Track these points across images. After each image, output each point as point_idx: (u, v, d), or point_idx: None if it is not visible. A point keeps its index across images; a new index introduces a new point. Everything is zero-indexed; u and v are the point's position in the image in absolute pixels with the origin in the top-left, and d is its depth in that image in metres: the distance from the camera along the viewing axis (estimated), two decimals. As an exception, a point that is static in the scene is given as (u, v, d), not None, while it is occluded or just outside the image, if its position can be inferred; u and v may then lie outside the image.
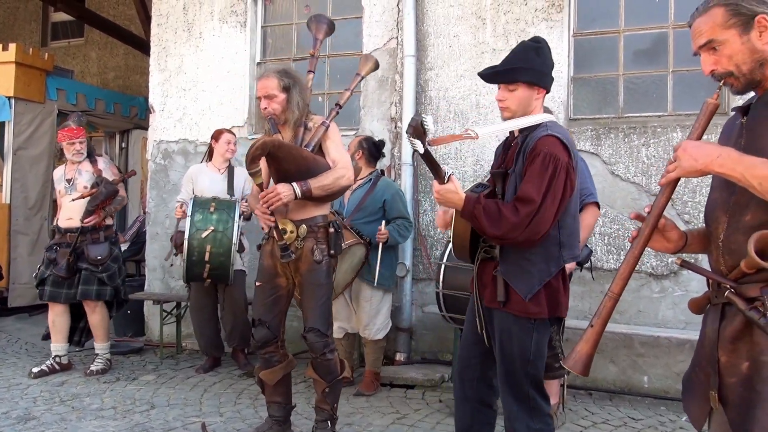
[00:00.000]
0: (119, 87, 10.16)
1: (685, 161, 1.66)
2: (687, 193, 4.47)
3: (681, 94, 4.65)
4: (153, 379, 4.82)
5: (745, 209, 1.65)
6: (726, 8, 1.68)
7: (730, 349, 1.69)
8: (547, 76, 2.56)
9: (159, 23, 6.21)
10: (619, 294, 1.81)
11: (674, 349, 4.46)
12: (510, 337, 2.48)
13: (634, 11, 4.81)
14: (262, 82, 3.37)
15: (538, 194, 2.35)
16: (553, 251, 2.47)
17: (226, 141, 5.01)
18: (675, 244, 1.89)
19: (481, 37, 5.05)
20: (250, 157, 3.03)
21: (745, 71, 1.69)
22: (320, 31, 3.78)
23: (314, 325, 3.33)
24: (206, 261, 4.53)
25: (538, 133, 2.47)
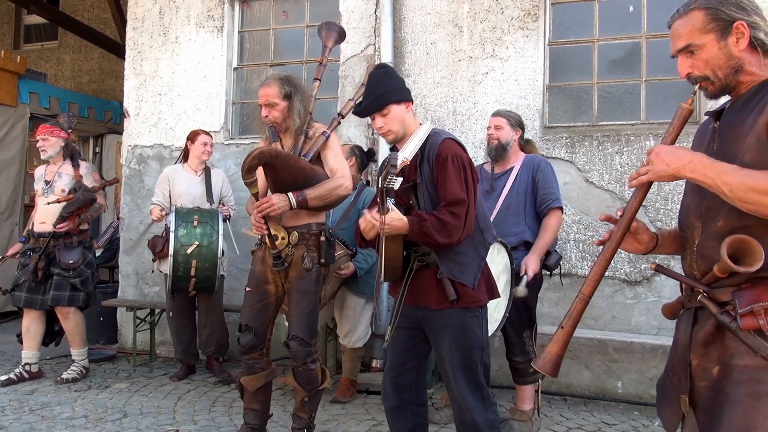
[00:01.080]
0: (93, 91, 10.05)
1: (657, 165, 1.68)
2: (659, 200, 4.54)
3: (653, 102, 4.73)
4: (126, 387, 4.75)
5: (717, 215, 1.67)
6: (706, 12, 1.69)
7: (701, 353, 1.71)
8: (405, 90, 2.75)
9: (134, 27, 6.15)
10: (589, 296, 1.82)
11: (647, 355, 4.51)
12: (465, 330, 2.63)
13: (608, 21, 4.88)
14: (264, 89, 3.34)
15: (464, 193, 2.57)
16: (478, 238, 2.69)
17: (203, 142, 4.96)
18: (646, 245, 1.92)
19: (458, 44, 5.08)
20: (247, 167, 3.01)
21: (721, 76, 1.71)
22: (330, 38, 3.76)
23: (298, 334, 3.30)
24: (192, 276, 4.52)
25: (434, 139, 2.67)
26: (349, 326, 4.49)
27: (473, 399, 2.62)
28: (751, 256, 1.56)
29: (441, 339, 2.67)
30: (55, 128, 4.92)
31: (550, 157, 4.62)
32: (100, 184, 4.99)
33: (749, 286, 1.61)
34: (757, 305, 1.57)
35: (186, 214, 4.60)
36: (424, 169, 2.64)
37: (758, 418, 1.55)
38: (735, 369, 1.61)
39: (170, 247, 4.46)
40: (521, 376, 3.94)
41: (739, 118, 1.67)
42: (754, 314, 1.57)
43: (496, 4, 5.00)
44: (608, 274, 4.62)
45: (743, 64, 1.68)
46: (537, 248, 3.74)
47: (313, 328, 3.38)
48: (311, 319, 3.35)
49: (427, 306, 2.67)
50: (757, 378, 1.57)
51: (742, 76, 1.70)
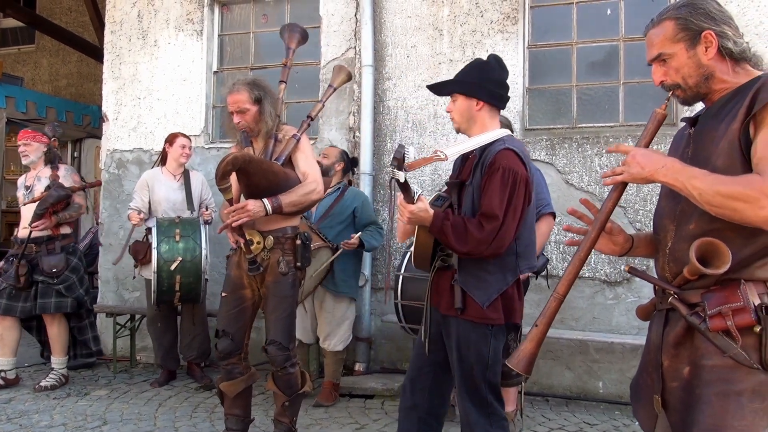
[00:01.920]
0: (72, 95, 9.95)
1: (632, 167, 1.72)
2: (638, 201, 4.59)
3: (631, 105, 4.78)
4: (106, 394, 4.69)
5: (690, 218, 1.71)
6: (676, 22, 1.73)
7: (672, 353, 1.74)
8: (484, 89, 2.61)
9: (113, 30, 6.10)
10: (563, 295, 1.84)
11: (628, 355, 4.55)
12: (468, 344, 2.52)
13: (587, 24, 4.93)
14: (233, 96, 3.31)
15: (500, 210, 2.43)
16: (510, 262, 2.54)
17: (181, 145, 4.92)
18: (621, 247, 1.95)
19: (438, 47, 5.10)
20: (221, 173, 2.98)
21: (692, 84, 1.75)
22: (293, 40, 3.75)
23: (276, 338, 3.28)
24: (177, 290, 4.49)
25: (495, 147, 2.54)
26: (328, 329, 4.48)
27: (475, 413, 2.54)
28: (719, 259, 1.59)
29: (449, 346, 2.60)
30: (38, 133, 4.88)
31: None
32: (79, 185, 4.94)
33: (718, 288, 1.64)
34: (725, 307, 1.60)
35: (168, 227, 4.54)
36: (477, 173, 2.55)
37: (727, 417, 1.58)
38: (704, 369, 1.64)
39: (153, 263, 4.42)
40: (505, 378, 3.88)
41: (713, 124, 1.70)
42: (722, 315, 1.60)
43: (475, 8, 5.02)
44: (589, 275, 4.66)
45: (713, 72, 1.72)
46: None
47: (292, 333, 3.37)
48: (289, 323, 3.35)
49: (438, 308, 2.63)
50: (725, 378, 1.60)
51: (714, 83, 1.73)
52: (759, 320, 1.57)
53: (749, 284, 1.60)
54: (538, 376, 4.72)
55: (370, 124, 5.13)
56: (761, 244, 1.60)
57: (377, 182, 5.22)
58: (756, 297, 1.59)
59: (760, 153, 1.55)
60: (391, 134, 5.21)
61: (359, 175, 5.16)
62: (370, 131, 5.13)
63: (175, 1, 5.90)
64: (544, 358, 4.75)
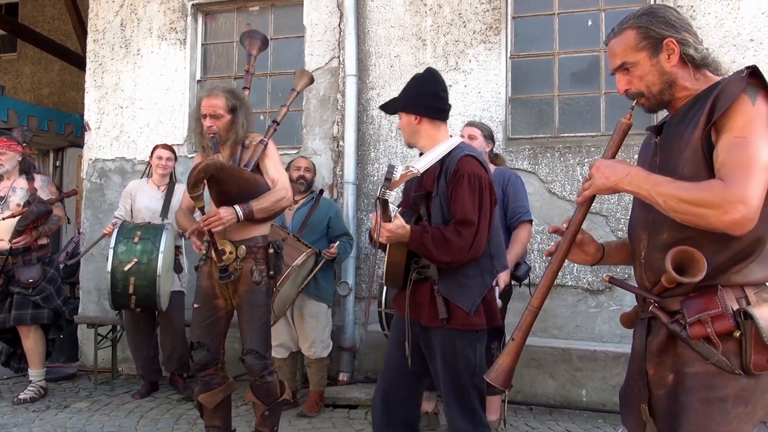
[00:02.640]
0: (54, 103, 9.87)
1: (597, 179, 1.74)
2: (620, 210, 4.62)
3: (613, 114, 4.82)
4: (86, 406, 4.63)
5: (662, 227, 1.72)
6: (637, 31, 1.75)
7: (656, 361, 1.75)
8: (415, 103, 2.66)
9: (95, 39, 6.07)
10: (538, 308, 1.87)
11: (611, 363, 4.57)
12: (455, 352, 2.53)
13: (568, 35, 4.98)
14: (210, 100, 3.29)
15: (474, 214, 2.48)
16: (486, 264, 2.59)
17: (158, 156, 4.89)
18: (593, 257, 1.96)
19: (421, 57, 5.13)
20: (193, 181, 2.96)
21: (655, 92, 1.76)
22: (254, 46, 3.77)
23: (252, 347, 3.27)
24: (131, 293, 4.42)
25: (455, 155, 2.60)
26: (313, 336, 4.45)
27: (463, 422, 2.55)
28: (695, 267, 1.60)
29: (433, 358, 2.60)
30: (12, 142, 4.80)
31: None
32: (56, 196, 4.89)
33: (697, 294, 1.65)
34: (704, 314, 1.61)
35: (130, 230, 4.50)
36: (441, 182, 2.58)
37: (711, 424, 1.60)
38: (687, 377, 1.65)
39: (108, 263, 4.38)
40: (488, 387, 3.95)
41: (677, 132, 1.72)
42: (701, 322, 1.61)
43: (458, 18, 5.06)
44: (571, 284, 4.69)
45: (676, 79, 1.74)
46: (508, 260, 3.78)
47: (268, 341, 3.37)
48: (265, 331, 3.34)
49: (420, 321, 2.61)
50: (708, 385, 1.61)
51: (677, 90, 1.75)
52: (738, 325, 1.58)
53: (727, 290, 1.62)
54: (521, 384, 4.72)
55: (354, 133, 5.14)
56: (735, 249, 1.61)
57: (361, 191, 5.22)
58: (734, 302, 1.60)
59: (721, 158, 1.57)
60: (374, 144, 5.22)
61: (343, 184, 5.15)
62: (353, 140, 5.14)
63: (158, 10, 5.89)
64: (527, 366, 4.76)
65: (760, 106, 1.57)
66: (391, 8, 5.23)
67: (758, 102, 1.57)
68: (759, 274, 1.63)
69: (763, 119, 1.56)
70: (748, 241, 1.60)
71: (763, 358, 1.57)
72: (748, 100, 1.57)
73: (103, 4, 6.06)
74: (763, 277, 1.64)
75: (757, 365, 1.57)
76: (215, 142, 3.29)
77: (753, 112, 1.56)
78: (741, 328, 1.58)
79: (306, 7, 5.46)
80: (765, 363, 1.58)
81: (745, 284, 1.63)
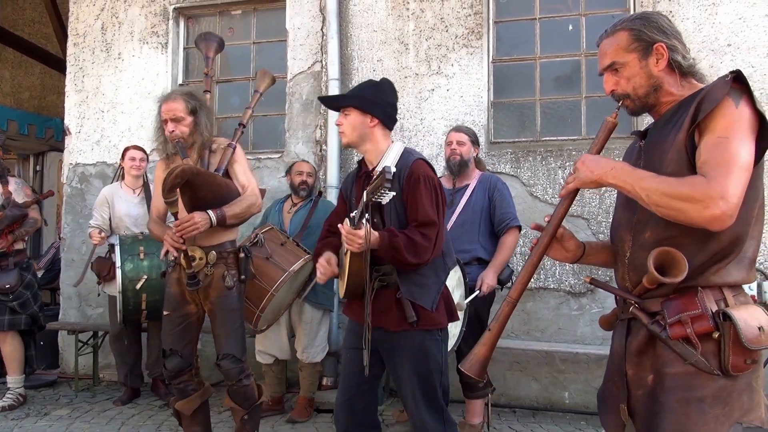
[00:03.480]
0: (34, 107, 9.75)
1: (582, 172, 1.77)
2: (601, 213, 4.66)
3: (593, 118, 4.86)
4: (66, 413, 4.58)
5: (646, 227, 1.75)
6: (630, 32, 1.79)
7: (636, 362, 1.77)
8: (376, 105, 2.69)
9: (75, 43, 6.02)
10: (516, 299, 1.89)
11: (593, 365, 4.60)
12: (425, 353, 2.58)
13: (549, 39, 5.01)
14: (169, 104, 3.26)
15: (435, 215, 2.55)
16: (439, 262, 2.65)
17: (130, 158, 4.84)
18: (573, 253, 1.99)
19: (404, 61, 5.14)
20: (169, 185, 2.93)
21: (641, 94, 1.80)
22: (210, 49, 3.77)
23: (229, 351, 3.26)
24: (143, 309, 4.38)
25: (407, 159, 2.64)
26: (307, 340, 4.42)
27: (434, 422, 2.58)
28: (676, 268, 1.63)
29: (400, 362, 2.62)
30: None
31: (495, 172, 4.70)
32: (32, 198, 4.82)
33: (677, 296, 1.68)
34: (684, 314, 1.64)
35: (131, 245, 4.41)
36: (394, 187, 2.57)
37: (689, 423, 1.62)
38: (666, 377, 1.68)
39: (118, 282, 4.29)
40: (471, 391, 3.97)
41: (662, 135, 1.76)
42: (681, 323, 1.64)
43: (440, 23, 5.08)
44: (554, 287, 4.71)
45: (662, 84, 1.78)
46: (495, 264, 3.82)
47: (243, 344, 3.35)
48: (240, 335, 3.34)
49: (386, 327, 2.61)
50: (687, 385, 1.64)
51: (662, 95, 1.79)
52: (717, 326, 1.61)
53: (706, 291, 1.65)
54: (505, 387, 4.74)
55: (337, 137, 5.12)
56: (713, 249, 1.65)
57: (344, 195, 5.22)
58: (713, 303, 1.64)
59: (704, 157, 1.60)
60: (357, 147, 5.22)
61: (326, 187, 5.14)
62: (336, 145, 5.13)
63: (140, 14, 5.85)
64: (510, 369, 4.78)
65: (742, 109, 1.61)
66: (373, 12, 5.24)
67: (741, 105, 1.61)
68: (736, 275, 1.67)
69: (744, 121, 1.60)
70: (727, 240, 1.64)
71: (740, 360, 1.60)
72: (731, 103, 1.61)
73: (83, 8, 6.01)
74: (740, 278, 1.68)
75: (735, 366, 1.60)
76: (182, 146, 3.25)
77: (736, 115, 1.60)
78: (720, 330, 1.61)
79: (289, 12, 5.46)
80: (743, 364, 1.60)
81: (723, 285, 1.66)
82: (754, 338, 1.59)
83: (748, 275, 1.69)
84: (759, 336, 1.59)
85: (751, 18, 4.47)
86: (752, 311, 1.63)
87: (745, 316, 1.60)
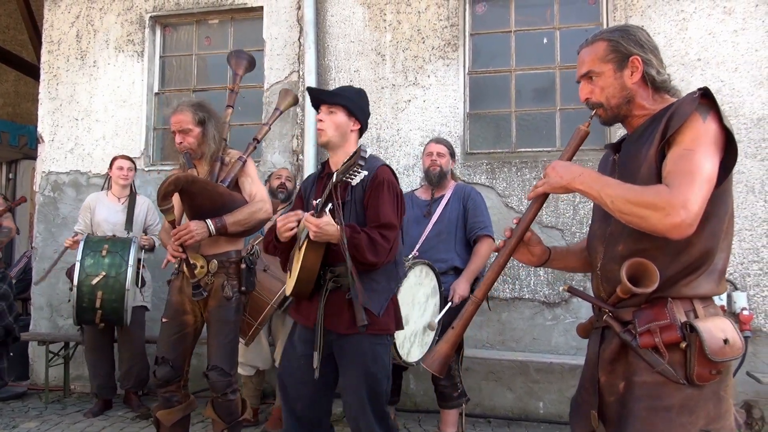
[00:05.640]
0: (8, 115, 9.62)
1: (551, 177, 1.81)
2: (575, 224, 4.71)
3: (568, 130, 4.92)
4: (36, 426, 4.49)
5: (618, 239, 1.78)
6: (608, 43, 1.83)
7: (608, 369, 1.81)
8: (363, 112, 2.79)
9: (50, 50, 5.96)
10: (481, 299, 1.93)
11: (567, 375, 4.63)
12: (374, 357, 2.59)
13: (525, 52, 5.07)
14: (177, 116, 3.28)
15: (395, 218, 2.60)
16: (392, 270, 2.69)
17: (118, 167, 4.82)
18: (538, 258, 2.03)
19: (381, 72, 5.16)
20: (162, 194, 2.94)
21: (613, 105, 1.84)
22: (240, 66, 3.79)
23: (218, 364, 3.23)
24: (97, 307, 4.32)
25: (373, 163, 2.65)
26: None
27: (380, 427, 2.59)
28: (648, 279, 1.67)
29: (349, 366, 2.61)
30: None
31: (471, 183, 4.73)
32: (4, 206, 4.75)
33: (648, 306, 1.72)
34: (654, 324, 1.68)
35: (96, 243, 4.41)
36: (356, 190, 2.62)
37: (655, 431, 1.65)
38: (636, 385, 1.71)
39: (74, 277, 4.27)
40: (446, 401, 3.97)
41: (635, 149, 1.79)
42: (650, 333, 1.68)
43: (417, 34, 5.11)
44: (528, 297, 4.74)
45: (634, 96, 1.81)
46: (467, 274, 3.82)
47: (234, 358, 3.31)
48: (232, 348, 3.29)
49: (336, 330, 2.59)
50: (655, 394, 1.67)
51: (634, 108, 1.82)
52: (684, 337, 1.64)
53: (676, 302, 1.68)
54: (480, 397, 4.75)
55: (314, 147, 5.14)
56: (684, 262, 1.68)
57: (321, 205, 5.22)
58: (682, 315, 1.67)
59: (669, 168, 1.63)
60: (334, 157, 5.22)
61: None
62: (313, 154, 5.13)
63: (116, 22, 5.82)
64: (486, 379, 4.79)
65: (709, 124, 1.64)
66: (350, 23, 5.26)
67: (708, 120, 1.64)
68: (706, 287, 1.70)
69: (710, 136, 1.63)
70: (698, 253, 1.67)
71: (705, 370, 1.63)
72: (699, 117, 1.64)
73: (58, 15, 5.96)
74: (710, 290, 1.70)
75: (700, 376, 1.63)
76: (189, 157, 3.28)
77: (702, 129, 1.63)
78: (687, 340, 1.64)
79: (266, 21, 5.46)
80: (708, 374, 1.63)
81: (694, 297, 1.69)
82: (719, 350, 1.61)
83: (718, 287, 1.72)
84: (723, 348, 1.62)
85: (720, 34, 4.56)
86: (719, 323, 1.66)
87: (711, 327, 1.63)
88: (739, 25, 4.54)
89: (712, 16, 4.59)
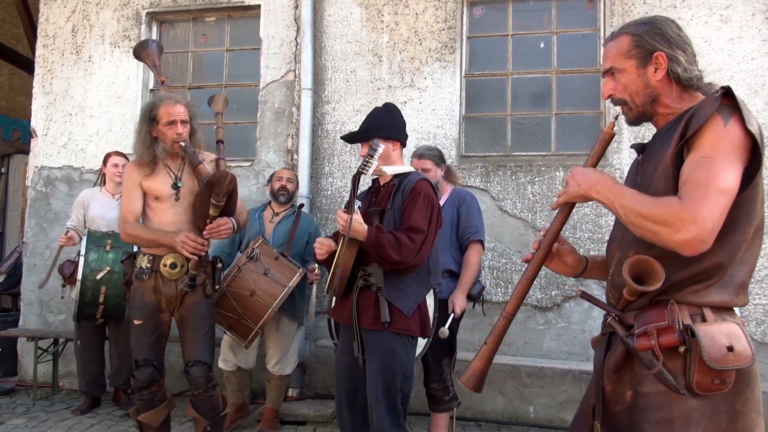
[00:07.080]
0: (2, 109, 9.55)
1: (571, 186, 1.75)
2: (568, 228, 4.70)
3: (563, 135, 4.92)
4: (23, 422, 4.46)
5: (630, 245, 1.70)
6: (632, 37, 1.72)
7: (614, 378, 1.72)
8: (398, 131, 3.01)
9: (45, 44, 5.92)
10: (512, 314, 1.87)
11: (558, 379, 4.63)
12: (392, 355, 2.74)
13: (521, 56, 5.07)
14: (178, 107, 3.26)
15: (425, 224, 2.76)
16: (424, 277, 2.88)
17: (113, 164, 4.80)
18: (573, 268, 1.95)
19: (377, 73, 5.15)
20: (225, 190, 3.06)
21: (638, 103, 1.74)
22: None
23: (201, 358, 3.24)
24: (100, 303, 4.31)
25: (413, 176, 2.91)
26: (281, 352, 4.34)
27: (389, 423, 2.70)
28: (653, 278, 1.59)
29: (371, 360, 2.78)
30: None
31: (465, 186, 4.72)
32: None
33: (649, 308, 1.64)
34: (651, 326, 1.58)
35: (99, 238, 4.41)
36: (397, 199, 2.85)
37: None
38: (640, 396, 1.63)
39: (79, 271, 4.25)
40: (437, 404, 3.95)
41: (656, 150, 1.70)
42: (647, 335, 1.59)
43: (414, 36, 5.11)
44: (521, 301, 4.72)
45: (659, 95, 1.71)
46: (462, 285, 3.82)
47: (213, 353, 3.39)
48: (211, 343, 3.36)
49: (362, 325, 2.79)
50: (658, 405, 1.59)
51: (659, 107, 1.73)
52: (684, 341, 1.54)
53: (681, 306, 1.58)
54: (471, 401, 4.74)
55: (309, 147, 5.12)
56: (693, 271, 1.59)
57: (314, 205, 5.20)
58: (686, 317, 1.57)
59: (684, 177, 1.54)
60: (329, 158, 5.21)
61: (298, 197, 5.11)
62: (308, 154, 5.12)
63: (112, 17, 5.79)
64: (477, 383, 4.77)
65: (731, 128, 1.52)
66: (348, 24, 5.25)
67: (730, 124, 1.53)
68: (717, 298, 1.59)
69: (732, 141, 1.51)
70: (709, 264, 1.57)
71: (706, 379, 1.53)
72: (720, 121, 1.53)
73: (54, 9, 5.93)
74: (722, 301, 1.60)
75: (699, 385, 1.53)
76: (193, 152, 3.30)
77: (723, 134, 1.52)
78: (687, 345, 1.54)
79: (263, 20, 5.45)
80: (710, 384, 1.53)
81: (703, 305, 1.59)
82: (720, 357, 1.50)
83: (734, 299, 1.61)
84: (725, 356, 1.50)
85: (716, 41, 4.57)
86: (725, 328, 1.54)
87: (713, 332, 1.52)
88: (735, 33, 4.55)
89: (709, 23, 4.60)
